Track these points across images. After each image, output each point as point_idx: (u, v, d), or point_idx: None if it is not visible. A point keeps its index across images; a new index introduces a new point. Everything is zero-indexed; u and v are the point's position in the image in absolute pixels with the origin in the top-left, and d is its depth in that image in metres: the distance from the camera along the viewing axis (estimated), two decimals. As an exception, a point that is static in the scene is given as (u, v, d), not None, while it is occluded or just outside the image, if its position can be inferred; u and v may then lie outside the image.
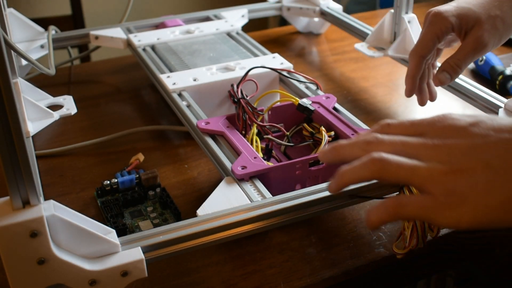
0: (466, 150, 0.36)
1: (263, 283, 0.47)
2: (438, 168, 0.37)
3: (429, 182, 0.37)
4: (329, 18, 0.94)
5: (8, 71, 0.33)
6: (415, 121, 0.41)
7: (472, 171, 0.36)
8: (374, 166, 0.39)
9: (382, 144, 0.40)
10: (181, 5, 2.30)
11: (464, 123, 0.38)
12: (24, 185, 0.37)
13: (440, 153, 0.37)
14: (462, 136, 0.37)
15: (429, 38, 0.61)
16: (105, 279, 0.40)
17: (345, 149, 0.42)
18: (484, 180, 0.35)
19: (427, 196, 0.37)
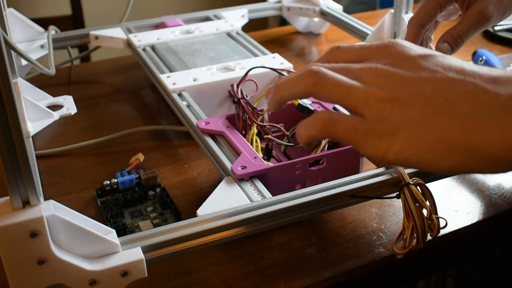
0: (409, 81, 0.35)
1: (263, 283, 0.47)
2: (376, 92, 0.35)
3: (364, 105, 0.35)
4: (329, 18, 0.94)
5: (8, 71, 0.33)
6: (365, 45, 0.39)
7: (411, 103, 0.34)
8: (310, 79, 0.37)
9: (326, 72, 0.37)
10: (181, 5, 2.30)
11: (413, 54, 0.36)
12: (24, 185, 0.37)
13: (381, 78, 0.35)
14: (409, 66, 0.36)
15: (431, 5, 0.58)
16: (105, 279, 0.40)
17: (286, 84, 0.39)
18: (421, 114, 0.33)
19: (359, 118, 0.35)
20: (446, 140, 0.33)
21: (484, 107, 0.32)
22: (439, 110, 0.33)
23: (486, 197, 0.57)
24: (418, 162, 0.34)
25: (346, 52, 0.40)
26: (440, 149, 0.33)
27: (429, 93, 0.34)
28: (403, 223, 0.46)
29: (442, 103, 0.33)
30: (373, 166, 0.53)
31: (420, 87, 0.34)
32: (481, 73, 0.34)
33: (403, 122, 0.34)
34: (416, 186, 0.46)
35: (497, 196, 0.57)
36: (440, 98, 0.33)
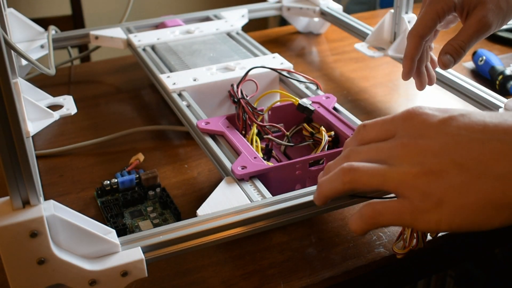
0: (437, 151, 0.35)
1: (263, 283, 0.47)
2: (409, 170, 0.36)
3: (402, 186, 0.36)
4: (329, 18, 0.94)
5: (8, 71, 0.33)
6: (387, 119, 0.40)
7: (445, 173, 0.35)
8: (346, 177, 0.38)
9: (357, 155, 0.39)
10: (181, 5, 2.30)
11: (435, 121, 0.37)
12: (24, 185, 0.37)
13: (411, 155, 0.36)
14: (433, 135, 0.36)
15: (430, 17, 0.58)
16: (105, 279, 0.40)
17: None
18: (458, 181, 0.34)
19: (402, 200, 0.36)
20: (490, 202, 0.33)
21: None
22: (474, 175, 0.34)
23: (486, 197, 0.57)
24: (471, 226, 0.35)
25: (373, 130, 0.40)
26: (487, 211, 0.34)
27: (459, 160, 0.34)
28: (403, 223, 0.46)
29: (475, 167, 0.34)
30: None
31: (449, 155, 0.35)
32: (504, 127, 0.34)
33: (444, 192, 0.34)
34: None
35: (497, 196, 0.57)
36: (471, 163, 0.34)
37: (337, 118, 0.58)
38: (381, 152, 0.38)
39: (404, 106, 0.76)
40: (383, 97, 0.78)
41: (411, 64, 0.61)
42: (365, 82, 0.83)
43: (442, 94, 0.74)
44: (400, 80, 0.83)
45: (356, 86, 0.82)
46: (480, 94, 0.64)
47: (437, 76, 0.69)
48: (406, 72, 0.62)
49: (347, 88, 0.81)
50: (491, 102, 0.63)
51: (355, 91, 0.80)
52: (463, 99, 0.67)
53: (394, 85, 0.82)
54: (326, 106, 0.60)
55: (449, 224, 0.35)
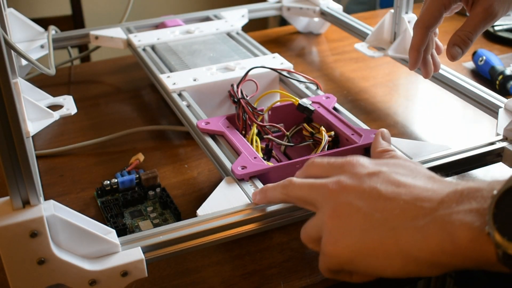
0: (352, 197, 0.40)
1: (263, 283, 0.47)
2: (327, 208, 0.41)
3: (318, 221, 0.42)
4: (329, 18, 0.94)
5: (8, 71, 0.33)
6: (330, 161, 0.44)
7: (351, 216, 0.39)
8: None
9: (296, 187, 0.44)
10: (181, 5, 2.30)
11: (363, 172, 0.41)
12: (24, 185, 0.37)
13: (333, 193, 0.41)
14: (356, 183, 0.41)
15: (436, 8, 0.58)
16: (105, 279, 0.40)
17: (269, 192, 0.46)
18: (359, 227, 0.39)
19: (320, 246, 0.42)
20: (383, 249, 0.38)
21: (412, 220, 0.37)
22: (374, 225, 0.38)
23: (486, 197, 0.57)
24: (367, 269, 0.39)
25: (317, 168, 0.45)
26: (380, 257, 0.38)
27: (366, 210, 0.39)
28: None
29: (377, 218, 0.38)
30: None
31: (360, 203, 0.39)
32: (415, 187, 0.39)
33: (344, 236, 0.39)
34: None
35: (497, 196, 0.57)
36: (375, 214, 0.38)
37: (337, 118, 0.58)
38: (314, 190, 0.43)
39: (404, 106, 0.76)
40: (383, 97, 0.78)
41: (418, 55, 0.61)
42: (365, 82, 0.83)
43: (442, 94, 0.74)
44: (400, 80, 0.83)
45: (356, 86, 0.82)
46: (480, 94, 0.64)
47: (437, 76, 0.69)
48: (413, 62, 0.62)
49: (347, 88, 0.81)
50: (491, 102, 0.63)
51: (355, 91, 0.80)
52: (463, 99, 0.67)
53: (394, 85, 0.82)
54: (326, 106, 0.60)
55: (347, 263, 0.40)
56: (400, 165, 0.42)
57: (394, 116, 0.73)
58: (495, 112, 0.61)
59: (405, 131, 0.69)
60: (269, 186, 0.46)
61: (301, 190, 0.43)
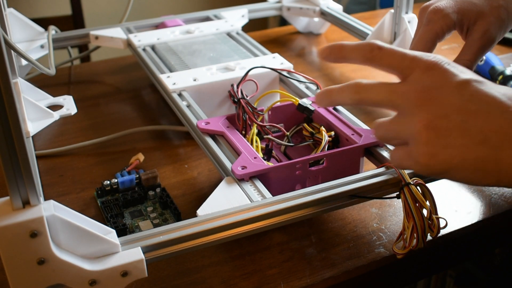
0: (448, 111, 0.39)
1: (263, 283, 0.47)
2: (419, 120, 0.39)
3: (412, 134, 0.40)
4: (329, 18, 0.94)
5: (8, 71, 0.33)
6: (408, 55, 0.41)
7: (449, 132, 0.38)
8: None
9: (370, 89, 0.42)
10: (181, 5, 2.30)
11: (453, 81, 0.39)
12: (24, 185, 0.37)
13: (424, 105, 0.39)
14: (448, 94, 0.39)
15: (429, 38, 0.57)
16: (105, 279, 0.40)
17: (334, 95, 0.44)
18: (459, 143, 0.38)
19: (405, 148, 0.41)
20: (482, 167, 0.38)
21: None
22: (474, 141, 0.38)
23: (486, 197, 0.57)
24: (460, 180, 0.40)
25: (388, 58, 0.42)
26: (478, 173, 0.39)
27: (464, 125, 0.38)
28: (403, 223, 0.46)
29: (477, 135, 0.38)
30: (373, 166, 0.53)
31: (457, 118, 0.38)
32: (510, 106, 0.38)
33: (444, 149, 0.39)
34: (416, 186, 0.46)
35: (497, 196, 0.57)
36: (474, 130, 0.38)
37: (337, 118, 0.58)
38: (395, 94, 0.41)
39: (404, 106, 0.76)
40: (383, 97, 0.78)
41: None
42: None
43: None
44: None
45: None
46: (480, 94, 0.64)
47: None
48: None
49: (347, 88, 0.81)
50: (491, 102, 0.62)
51: (355, 91, 0.80)
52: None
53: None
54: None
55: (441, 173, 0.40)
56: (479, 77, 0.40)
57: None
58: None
59: (405, 131, 0.69)
60: (334, 89, 0.44)
61: (379, 95, 0.41)
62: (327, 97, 0.45)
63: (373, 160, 0.54)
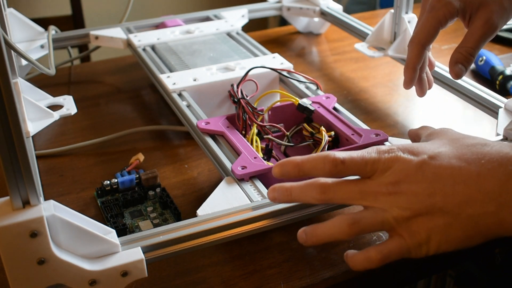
0: (421, 197, 0.41)
1: (263, 283, 0.47)
2: (401, 214, 0.42)
3: (397, 228, 0.42)
4: (329, 18, 0.94)
5: (8, 71, 0.33)
6: (368, 160, 0.43)
7: (431, 215, 0.41)
8: (350, 230, 0.43)
9: (337, 190, 0.43)
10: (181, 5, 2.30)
11: (412, 167, 0.42)
12: (24, 185, 0.37)
13: (399, 200, 0.42)
14: (413, 181, 0.42)
15: (432, 25, 0.57)
16: (105, 279, 0.40)
17: (294, 192, 0.45)
18: (441, 223, 0.41)
19: (399, 240, 0.42)
20: (466, 235, 0.41)
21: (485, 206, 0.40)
22: (452, 217, 0.40)
23: (486, 197, 0.57)
24: (453, 249, 0.43)
25: (352, 168, 0.44)
26: (465, 241, 0.41)
27: (439, 205, 0.41)
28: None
29: (452, 210, 0.40)
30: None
31: (430, 200, 0.41)
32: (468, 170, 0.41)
33: (430, 231, 0.41)
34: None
35: (497, 196, 0.57)
36: (449, 207, 0.40)
37: (337, 118, 0.58)
38: (366, 194, 0.43)
39: (404, 106, 0.76)
40: (383, 97, 0.78)
41: (413, 73, 0.60)
42: (365, 82, 0.83)
43: (442, 94, 0.74)
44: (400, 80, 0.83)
45: (356, 86, 0.82)
46: (480, 94, 0.64)
47: (437, 76, 0.69)
48: (408, 81, 0.61)
49: (347, 88, 0.81)
50: (491, 102, 0.63)
51: (355, 91, 0.80)
52: (463, 99, 0.67)
53: (394, 85, 0.82)
54: (326, 106, 0.60)
55: (436, 251, 0.42)
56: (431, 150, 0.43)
57: (394, 116, 0.73)
58: (495, 112, 0.61)
59: (405, 131, 0.69)
60: (294, 187, 0.45)
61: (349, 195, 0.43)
62: (284, 195, 0.45)
63: (373, 160, 0.54)
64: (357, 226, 0.43)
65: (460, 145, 0.43)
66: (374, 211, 0.43)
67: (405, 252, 0.43)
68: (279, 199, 0.45)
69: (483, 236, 0.41)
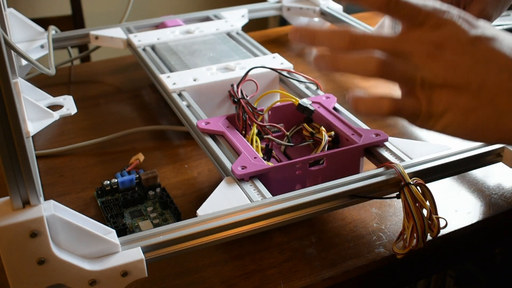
0: (459, 70, 0.39)
1: (263, 283, 0.47)
2: (431, 80, 0.40)
3: (419, 91, 0.40)
4: (329, 18, 0.94)
5: (8, 71, 0.33)
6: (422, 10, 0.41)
7: (458, 93, 0.39)
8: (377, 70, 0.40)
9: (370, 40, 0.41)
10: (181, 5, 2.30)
11: (465, 38, 0.39)
12: (24, 185, 0.37)
13: (436, 66, 0.39)
14: (460, 52, 0.39)
15: None
16: (105, 279, 0.40)
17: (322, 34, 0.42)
18: (465, 104, 0.39)
19: (415, 102, 0.41)
20: (483, 128, 0.39)
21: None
22: (481, 103, 0.38)
23: (486, 197, 0.57)
24: (459, 137, 0.41)
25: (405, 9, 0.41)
26: (478, 133, 0.39)
27: (474, 86, 0.38)
28: (403, 223, 0.46)
29: (484, 97, 0.38)
30: (373, 166, 0.53)
31: (467, 78, 0.38)
32: None
33: (449, 107, 0.39)
34: (416, 186, 0.46)
35: (497, 196, 0.57)
36: (482, 92, 0.38)
37: (337, 118, 0.58)
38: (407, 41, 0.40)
39: (404, 106, 0.76)
40: (383, 97, 0.78)
41: None
42: (365, 82, 0.83)
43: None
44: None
45: (356, 86, 0.82)
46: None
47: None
48: None
49: (347, 88, 0.81)
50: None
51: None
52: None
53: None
54: (326, 106, 0.60)
55: (441, 130, 0.41)
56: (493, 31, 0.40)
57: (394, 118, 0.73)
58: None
59: (405, 131, 0.69)
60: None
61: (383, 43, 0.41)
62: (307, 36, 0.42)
63: (373, 160, 0.54)
64: (386, 69, 0.40)
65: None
66: (407, 63, 0.40)
67: (415, 116, 0.41)
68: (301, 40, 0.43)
69: (498, 137, 0.39)
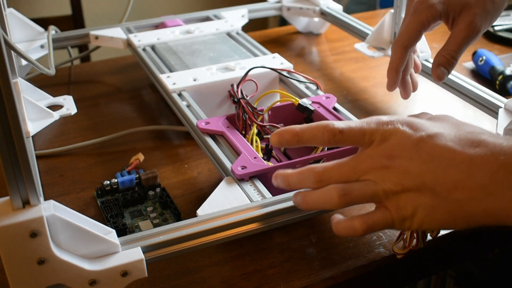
0: (413, 174, 0.41)
1: (263, 283, 0.47)
2: (391, 189, 0.42)
3: (385, 201, 0.42)
4: (329, 18, 0.94)
5: (8, 71, 0.33)
6: (366, 131, 0.43)
7: (419, 193, 0.41)
8: (340, 201, 0.42)
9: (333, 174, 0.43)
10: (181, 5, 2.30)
11: (409, 143, 0.42)
12: (24, 185, 0.37)
13: (391, 175, 0.42)
14: (408, 156, 0.41)
15: (415, 28, 0.57)
16: (105, 279, 0.40)
17: (294, 180, 0.44)
18: (427, 202, 0.41)
19: (385, 212, 0.42)
20: (450, 218, 0.41)
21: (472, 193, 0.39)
22: (440, 198, 0.40)
23: (486, 197, 0.57)
24: (436, 229, 0.45)
25: (351, 137, 0.43)
26: (448, 223, 0.41)
27: (430, 184, 0.40)
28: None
29: (440, 192, 0.40)
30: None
31: (422, 178, 0.41)
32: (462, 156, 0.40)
33: (417, 208, 0.41)
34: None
35: (497, 196, 0.57)
36: (438, 188, 0.40)
37: (337, 118, 0.58)
38: (359, 170, 0.43)
39: (404, 106, 0.76)
40: (383, 97, 0.78)
41: (396, 76, 0.60)
42: (365, 82, 0.83)
43: (442, 94, 0.74)
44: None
45: (356, 86, 0.82)
46: (480, 94, 0.64)
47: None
48: (392, 83, 0.61)
49: (347, 88, 0.81)
50: (491, 102, 0.63)
51: (355, 91, 0.80)
52: (463, 99, 0.67)
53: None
54: (326, 106, 0.60)
55: (418, 228, 0.42)
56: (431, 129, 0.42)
57: (394, 116, 0.73)
58: (495, 112, 0.61)
59: (405, 131, 0.69)
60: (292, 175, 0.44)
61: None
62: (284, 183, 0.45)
63: (373, 160, 0.54)
64: (347, 197, 0.42)
65: (459, 130, 0.42)
66: (365, 183, 0.42)
67: (389, 225, 0.43)
68: (280, 186, 0.45)
69: (466, 222, 0.41)
